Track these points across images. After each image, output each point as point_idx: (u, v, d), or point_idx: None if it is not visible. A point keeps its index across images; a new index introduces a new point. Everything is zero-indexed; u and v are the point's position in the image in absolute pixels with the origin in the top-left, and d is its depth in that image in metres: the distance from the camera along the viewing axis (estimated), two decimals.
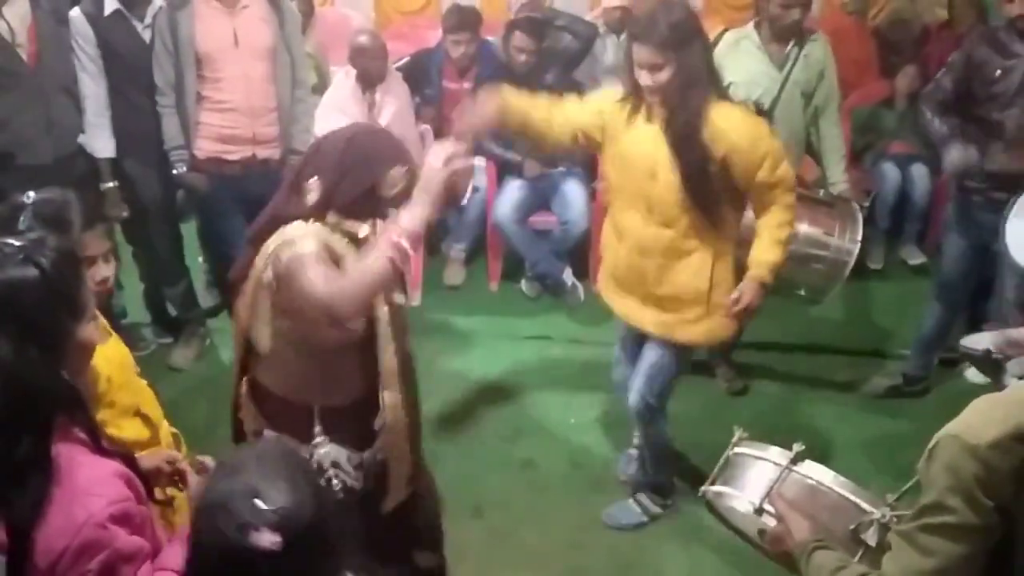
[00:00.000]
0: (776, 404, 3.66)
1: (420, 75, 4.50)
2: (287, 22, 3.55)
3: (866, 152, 4.90)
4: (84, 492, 1.34)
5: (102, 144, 3.47)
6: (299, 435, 2.04)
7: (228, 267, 3.70)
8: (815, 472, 1.64)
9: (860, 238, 3.19)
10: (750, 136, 2.49)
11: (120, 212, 3.59)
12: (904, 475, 1.48)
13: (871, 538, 1.53)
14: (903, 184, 4.75)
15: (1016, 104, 3.08)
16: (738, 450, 1.78)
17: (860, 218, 3.24)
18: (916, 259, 4.78)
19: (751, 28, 3.39)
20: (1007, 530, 1.23)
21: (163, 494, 1.76)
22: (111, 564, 1.33)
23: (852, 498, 1.60)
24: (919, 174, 4.70)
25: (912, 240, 4.82)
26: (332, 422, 2.06)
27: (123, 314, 3.96)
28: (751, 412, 3.58)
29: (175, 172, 3.52)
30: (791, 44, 3.33)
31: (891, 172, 4.76)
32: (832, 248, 3.17)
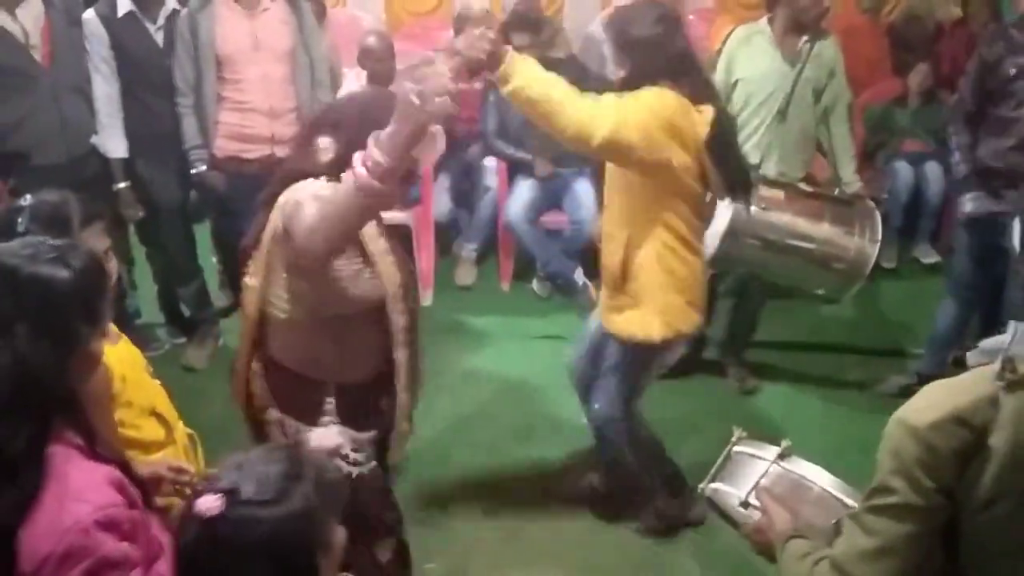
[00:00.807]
0: (788, 403, 3.64)
1: None
2: (306, 24, 3.58)
3: (879, 151, 4.88)
4: (73, 496, 1.33)
5: (115, 144, 3.50)
6: (309, 413, 2.00)
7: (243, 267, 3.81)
8: (801, 468, 1.68)
9: (879, 237, 3.18)
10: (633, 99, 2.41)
11: (134, 212, 3.62)
12: None
13: None
14: (916, 182, 4.73)
15: None
16: (736, 448, 1.81)
17: (879, 217, 3.23)
18: (929, 258, 4.76)
19: (764, 23, 3.38)
20: (953, 513, 1.25)
21: (162, 502, 1.74)
22: (95, 572, 1.32)
23: (835, 493, 1.63)
24: (932, 172, 4.69)
25: (925, 239, 4.80)
26: (345, 400, 2.02)
27: (137, 314, 3.98)
28: (763, 411, 3.57)
29: (194, 171, 3.55)
30: (803, 40, 3.32)
31: (904, 170, 4.74)
32: (853, 248, 3.16)
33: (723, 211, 3.13)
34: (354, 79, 4.27)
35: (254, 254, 1.96)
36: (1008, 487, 1.21)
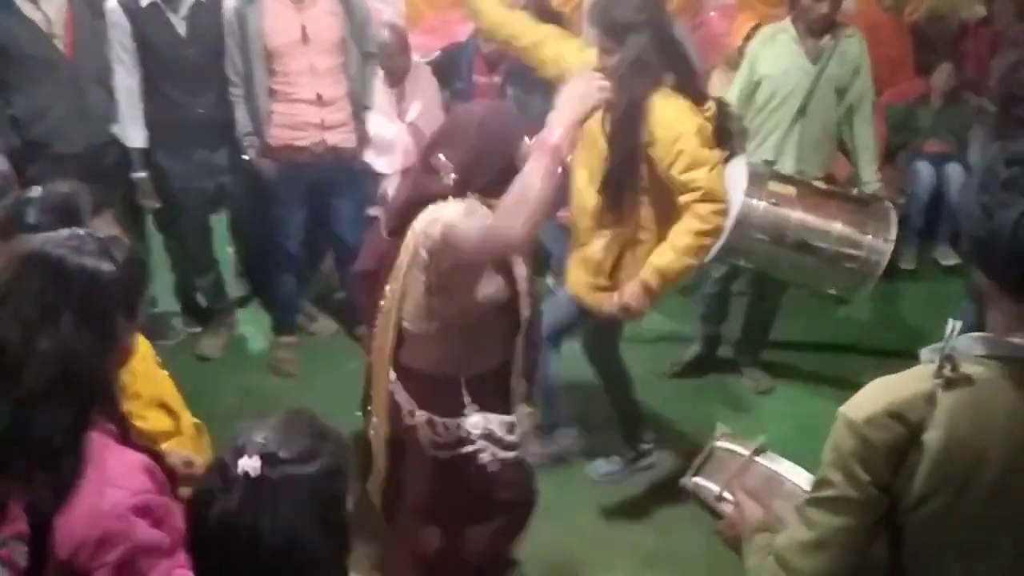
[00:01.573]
0: (803, 404, 3.62)
1: (451, 69, 4.49)
2: (355, 15, 3.59)
3: (901, 151, 4.84)
4: (110, 483, 1.35)
5: (135, 134, 3.51)
6: (450, 408, 2.10)
7: (265, 255, 3.83)
8: (775, 463, 1.69)
9: (894, 238, 3.15)
10: (672, 130, 2.51)
11: (152, 202, 3.64)
12: None
13: None
14: (938, 183, 4.68)
15: None
16: (719, 444, 1.83)
17: (894, 218, 3.20)
18: (949, 260, 4.71)
19: (788, 22, 3.37)
20: (890, 508, 1.26)
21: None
22: (130, 557, 1.34)
23: (806, 487, 1.62)
24: (954, 173, 4.63)
25: (946, 240, 4.75)
26: (478, 389, 2.11)
27: (153, 303, 4.00)
28: (778, 412, 3.55)
29: (245, 157, 3.58)
30: (826, 38, 3.29)
31: (926, 171, 4.69)
32: (865, 247, 3.13)
33: (733, 203, 3.12)
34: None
35: (387, 277, 2.07)
36: (941, 483, 1.22)
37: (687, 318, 4.02)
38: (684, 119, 2.54)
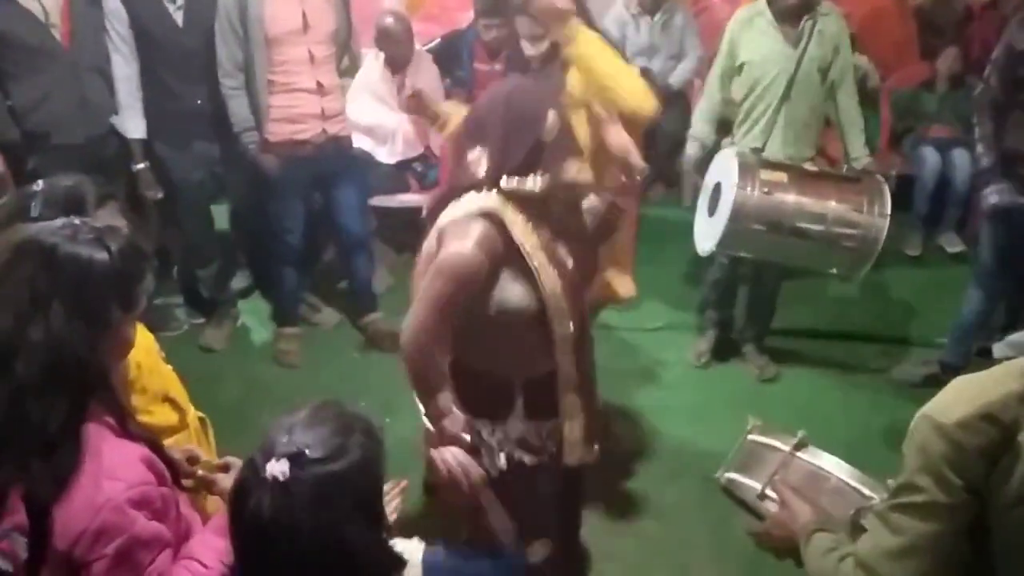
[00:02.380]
0: (808, 392, 3.61)
1: (451, 57, 4.47)
2: (347, 2, 3.61)
3: (906, 136, 4.80)
4: (107, 474, 1.34)
5: (134, 125, 3.49)
6: (499, 410, 2.06)
7: (266, 248, 3.81)
8: (817, 458, 1.65)
9: (889, 211, 3.13)
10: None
11: (153, 193, 3.62)
12: None
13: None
14: (943, 169, 4.65)
15: None
16: (751, 437, 1.79)
17: (887, 191, 3.18)
18: (955, 247, 4.68)
19: (763, 5, 3.30)
20: (980, 511, 1.22)
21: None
22: (128, 549, 1.34)
23: (853, 483, 1.61)
24: (960, 159, 4.59)
25: (951, 227, 4.72)
26: (532, 394, 2.07)
27: (156, 294, 4.00)
28: (783, 399, 3.54)
29: (244, 152, 3.53)
30: (804, 19, 3.25)
31: (931, 156, 4.66)
32: (862, 225, 3.12)
33: (726, 196, 3.10)
34: (373, 59, 4.24)
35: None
36: None
37: (689, 307, 4.01)
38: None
